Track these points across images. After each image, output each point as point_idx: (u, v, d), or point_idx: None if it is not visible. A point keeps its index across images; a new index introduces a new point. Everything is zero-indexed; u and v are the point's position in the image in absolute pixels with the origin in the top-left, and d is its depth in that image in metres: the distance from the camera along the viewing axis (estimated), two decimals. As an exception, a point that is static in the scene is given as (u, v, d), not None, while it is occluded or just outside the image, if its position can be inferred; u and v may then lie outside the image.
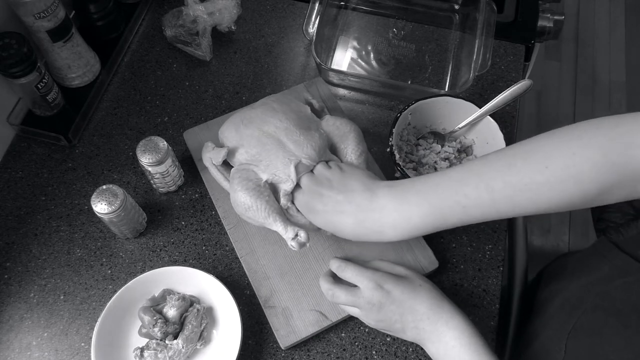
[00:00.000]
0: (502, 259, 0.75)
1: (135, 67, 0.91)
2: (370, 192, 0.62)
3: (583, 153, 0.52)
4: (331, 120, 0.74)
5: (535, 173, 0.54)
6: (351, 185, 0.63)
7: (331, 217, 0.63)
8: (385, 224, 0.60)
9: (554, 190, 0.53)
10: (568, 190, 0.53)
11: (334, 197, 0.63)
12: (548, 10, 0.97)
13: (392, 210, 0.60)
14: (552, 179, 0.53)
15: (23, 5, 0.72)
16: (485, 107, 0.76)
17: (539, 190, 0.54)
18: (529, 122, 2.00)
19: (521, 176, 0.54)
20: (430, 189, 0.59)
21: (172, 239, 0.76)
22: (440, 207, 0.58)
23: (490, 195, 0.56)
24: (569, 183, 0.53)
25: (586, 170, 0.52)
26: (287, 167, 0.67)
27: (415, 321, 0.62)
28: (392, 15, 0.96)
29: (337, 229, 0.63)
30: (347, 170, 0.66)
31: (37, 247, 0.76)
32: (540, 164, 0.54)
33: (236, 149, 0.71)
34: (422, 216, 0.59)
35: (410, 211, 0.59)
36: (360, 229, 0.62)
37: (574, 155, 0.53)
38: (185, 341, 0.66)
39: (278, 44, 0.94)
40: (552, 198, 0.54)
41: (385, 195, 0.61)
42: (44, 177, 0.81)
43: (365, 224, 0.61)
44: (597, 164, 0.52)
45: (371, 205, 0.61)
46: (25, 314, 0.71)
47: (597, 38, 2.18)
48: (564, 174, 0.53)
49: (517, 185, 0.54)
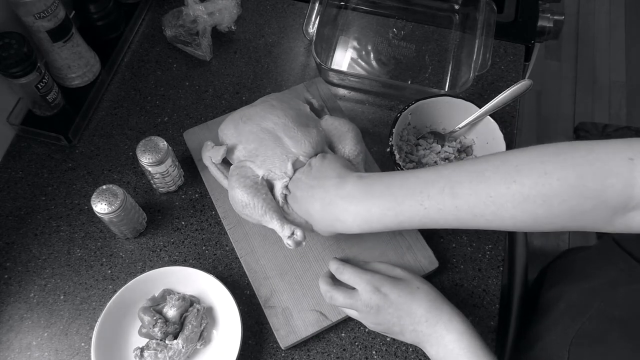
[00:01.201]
0: (502, 259, 0.75)
1: (135, 67, 0.91)
2: (340, 179, 0.62)
3: (556, 172, 0.49)
4: (330, 120, 0.74)
5: (501, 185, 0.51)
6: (326, 172, 0.64)
7: (305, 203, 0.64)
8: (347, 211, 0.60)
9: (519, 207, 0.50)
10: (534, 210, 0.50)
11: (309, 182, 0.64)
12: (548, 10, 0.97)
13: (356, 199, 0.59)
14: (517, 195, 0.50)
15: (23, 5, 0.72)
16: (485, 107, 0.76)
17: (503, 205, 0.51)
18: (529, 122, 2.00)
19: (486, 186, 0.52)
20: (396, 184, 0.58)
21: (172, 239, 0.76)
22: (402, 203, 0.56)
23: (452, 201, 0.54)
24: (536, 202, 0.50)
25: (557, 191, 0.49)
26: (284, 163, 0.67)
27: (414, 324, 0.62)
28: (392, 15, 0.96)
29: (309, 215, 0.64)
30: (327, 159, 0.66)
31: (37, 247, 0.76)
32: (509, 177, 0.51)
33: (235, 145, 0.71)
34: (383, 209, 0.58)
35: (372, 202, 0.58)
36: (326, 214, 0.61)
37: (545, 174, 0.49)
38: (185, 341, 0.66)
39: (278, 44, 0.94)
40: (515, 215, 0.51)
41: (354, 184, 0.61)
42: (44, 177, 0.81)
43: (329, 208, 0.61)
44: (570, 186, 0.48)
45: (338, 192, 0.61)
46: (25, 314, 0.71)
47: (597, 38, 2.18)
48: (532, 192, 0.50)
49: (481, 196, 0.52)
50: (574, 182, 0.48)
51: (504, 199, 0.51)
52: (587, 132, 1.87)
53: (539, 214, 0.50)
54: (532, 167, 0.50)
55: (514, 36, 0.94)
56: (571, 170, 0.49)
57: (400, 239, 0.73)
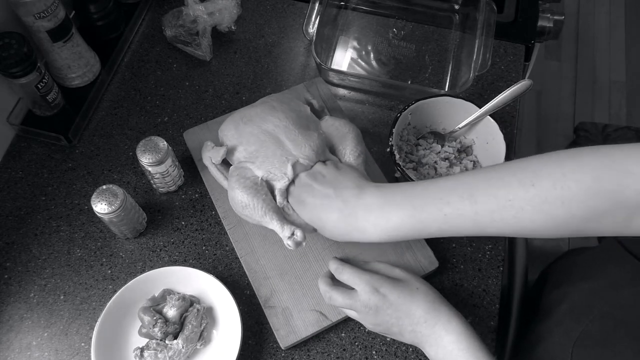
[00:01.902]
0: (502, 259, 0.75)
1: (135, 67, 0.91)
2: (359, 190, 0.62)
3: (574, 175, 0.50)
4: (330, 121, 0.74)
5: (520, 189, 0.52)
6: (343, 182, 0.64)
7: (318, 211, 0.63)
8: (367, 222, 0.60)
9: (539, 210, 0.51)
10: (553, 212, 0.51)
11: (324, 190, 0.63)
12: (548, 10, 0.97)
13: (376, 209, 0.60)
14: (537, 198, 0.51)
15: (23, 5, 0.72)
16: (485, 107, 0.76)
17: (523, 208, 0.52)
18: (529, 122, 2.00)
19: (506, 191, 0.53)
20: (416, 192, 0.58)
21: (172, 239, 0.76)
22: (422, 211, 0.57)
23: (472, 207, 0.54)
24: (555, 204, 0.51)
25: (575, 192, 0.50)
26: (284, 165, 0.67)
27: (412, 325, 0.62)
28: (392, 15, 0.96)
29: (322, 223, 0.64)
30: (343, 169, 0.66)
31: (37, 247, 0.76)
32: (527, 181, 0.52)
33: (235, 147, 0.71)
34: (403, 217, 0.58)
35: (391, 212, 0.59)
36: (343, 225, 0.62)
37: (564, 176, 0.50)
38: (185, 341, 0.66)
39: (278, 44, 0.94)
40: (535, 219, 0.52)
41: (373, 194, 0.61)
42: (44, 177, 0.81)
43: (348, 219, 0.61)
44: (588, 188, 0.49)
45: (357, 202, 0.61)
46: (25, 314, 0.71)
47: (597, 38, 2.18)
48: (551, 195, 0.51)
49: (501, 201, 0.53)
50: (591, 184, 0.49)
51: (523, 202, 0.52)
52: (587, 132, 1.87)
53: (558, 216, 0.51)
54: (550, 171, 0.51)
55: (514, 36, 0.94)
56: (588, 173, 0.50)
57: (400, 239, 0.73)
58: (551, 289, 0.78)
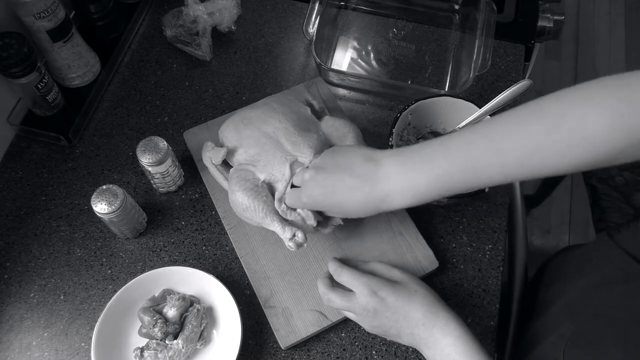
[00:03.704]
0: (502, 259, 0.75)
1: (135, 67, 0.91)
2: (373, 162, 0.60)
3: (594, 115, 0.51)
4: (330, 121, 0.74)
5: (545, 135, 0.52)
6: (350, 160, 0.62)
7: (339, 197, 0.61)
8: (392, 191, 0.58)
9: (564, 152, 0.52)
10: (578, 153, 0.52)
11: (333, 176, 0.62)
12: (548, 10, 0.97)
13: (399, 178, 0.58)
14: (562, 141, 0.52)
15: (23, 5, 0.72)
16: (485, 107, 0.76)
17: (549, 152, 0.52)
18: (529, 122, 2.00)
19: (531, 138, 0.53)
20: (437, 153, 0.57)
21: (172, 239, 0.76)
22: (449, 171, 0.56)
23: (499, 159, 0.54)
24: (581, 145, 0.51)
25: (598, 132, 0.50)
26: (284, 166, 0.67)
27: (411, 327, 0.62)
28: (392, 15, 0.96)
29: (343, 207, 0.62)
30: (338, 150, 0.65)
31: (37, 247, 0.76)
32: (550, 126, 0.52)
33: (235, 149, 0.71)
34: (430, 180, 0.57)
35: (417, 178, 0.57)
36: (370, 200, 0.60)
37: (585, 116, 0.51)
38: (185, 341, 0.66)
39: (278, 44, 0.94)
40: (561, 161, 0.53)
41: (391, 164, 0.59)
42: (44, 177, 0.81)
43: (373, 194, 0.59)
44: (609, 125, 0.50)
45: (377, 175, 0.59)
46: (25, 314, 0.71)
47: (597, 38, 2.18)
48: (576, 136, 0.51)
49: (527, 147, 0.53)
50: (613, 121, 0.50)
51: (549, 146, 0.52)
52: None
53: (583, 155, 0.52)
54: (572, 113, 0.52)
55: (514, 36, 0.94)
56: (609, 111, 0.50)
57: (401, 239, 0.73)
58: (546, 287, 0.78)
